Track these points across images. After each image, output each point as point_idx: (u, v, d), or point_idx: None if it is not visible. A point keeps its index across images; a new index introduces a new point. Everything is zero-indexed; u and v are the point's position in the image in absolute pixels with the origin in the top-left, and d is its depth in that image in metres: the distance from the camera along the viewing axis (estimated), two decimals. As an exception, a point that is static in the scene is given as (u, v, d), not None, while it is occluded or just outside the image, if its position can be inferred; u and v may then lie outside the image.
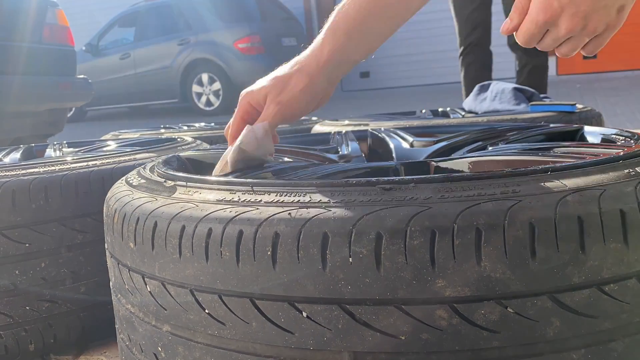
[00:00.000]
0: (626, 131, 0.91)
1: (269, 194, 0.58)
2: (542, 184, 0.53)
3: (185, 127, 2.40)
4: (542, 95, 2.07)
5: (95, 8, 10.50)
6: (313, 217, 0.52)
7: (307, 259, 0.51)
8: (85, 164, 1.12)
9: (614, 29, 0.71)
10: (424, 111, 2.27)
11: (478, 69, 2.66)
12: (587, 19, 0.70)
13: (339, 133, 1.23)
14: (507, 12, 2.31)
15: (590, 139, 1.01)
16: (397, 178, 0.57)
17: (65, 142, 1.71)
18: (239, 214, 0.55)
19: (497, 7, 2.59)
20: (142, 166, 0.88)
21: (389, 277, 0.49)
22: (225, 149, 0.83)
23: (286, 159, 0.95)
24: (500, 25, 0.75)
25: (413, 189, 0.54)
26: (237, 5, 8.01)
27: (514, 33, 0.74)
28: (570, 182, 0.53)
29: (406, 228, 0.49)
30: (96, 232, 1.07)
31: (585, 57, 8.16)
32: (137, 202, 0.66)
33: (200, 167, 1.00)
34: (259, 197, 0.58)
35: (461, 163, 0.84)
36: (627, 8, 0.70)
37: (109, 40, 8.84)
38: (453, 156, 0.96)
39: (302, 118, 2.41)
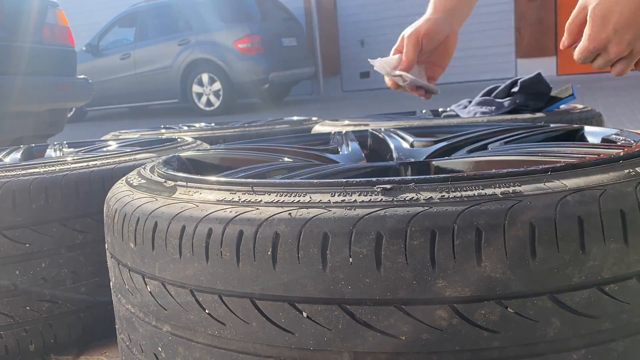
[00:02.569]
0: (626, 131, 0.91)
1: (269, 194, 0.58)
2: (542, 184, 0.53)
3: (185, 127, 2.40)
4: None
5: (95, 8, 10.51)
6: (313, 217, 0.52)
7: (307, 259, 0.51)
8: (85, 164, 1.12)
9: None
10: (424, 111, 2.27)
11: None
12: (632, 45, 0.84)
13: (339, 133, 1.23)
14: None
15: (591, 139, 1.01)
16: (397, 178, 0.57)
17: (65, 142, 1.71)
18: (239, 214, 0.55)
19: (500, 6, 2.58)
20: (143, 166, 0.88)
21: (389, 277, 0.49)
22: (225, 149, 0.84)
23: (286, 159, 0.95)
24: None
25: (413, 189, 0.54)
26: (237, 6, 8.01)
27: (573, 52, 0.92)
28: (570, 182, 0.53)
29: (406, 228, 0.49)
30: (96, 233, 1.07)
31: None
32: (138, 202, 0.66)
33: (200, 167, 1.00)
34: (259, 197, 0.58)
35: (461, 163, 0.84)
36: None
37: (109, 40, 8.84)
38: (453, 156, 0.96)
39: (302, 118, 2.42)
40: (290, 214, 0.53)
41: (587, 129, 1.03)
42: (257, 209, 0.55)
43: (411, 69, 1.18)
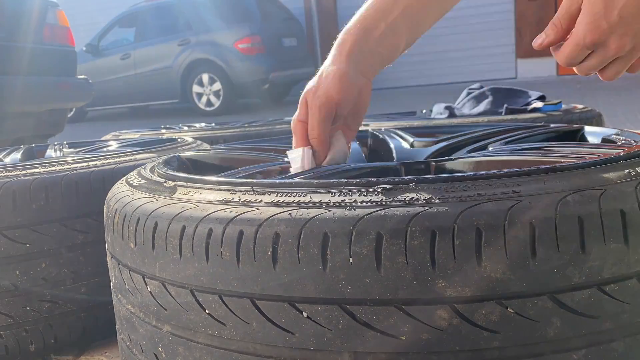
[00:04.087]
0: (626, 131, 0.91)
1: (269, 194, 0.58)
2: (542, 184, 0.53)
3: (185, 128, 2.40)
4: (535, 96, 1.95)
5: (95, 8, 10.50)
6: (313, 217, 0.52)
7: (307, 259, 0.51)
8: (85, 164, 1.12)
9: None
10: (424, 111, 2.27)
11: None
12: (637, 37, 0.67)
13: (339, 133, 1.22)
14: None
15: (591, 139, 1.01)
16: (397, 178, 0.57)
17: (65, 142, 1.71)
18: (240, 214, 0.55)
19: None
20: (143, 166, 0.88)
21: (390, 277, 0.49)
22: (225, 149, 0.83)
23: (287, 159, 0.95)
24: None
25: (413, 189, 0.54)
26: (238, 6, 8.00)
27: (555, 53, 0.71)
28: (571, 182, 0.53)
29: (406, 228, 0.49)
30: (97, 233, 1.07)
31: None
32: (138, 202, 0.66)
33: (200, 167, 1.00)
34: (259, 198, 0.58)
35: (462, 163, 0.84)
36: None
37: (109, 40, 8.83)
38: (453, 156, 0.96)
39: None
40: (290, 214, 0.53)
41: (587, 129, 1.04)
42: (257, 209, 0.55)
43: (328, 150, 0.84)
